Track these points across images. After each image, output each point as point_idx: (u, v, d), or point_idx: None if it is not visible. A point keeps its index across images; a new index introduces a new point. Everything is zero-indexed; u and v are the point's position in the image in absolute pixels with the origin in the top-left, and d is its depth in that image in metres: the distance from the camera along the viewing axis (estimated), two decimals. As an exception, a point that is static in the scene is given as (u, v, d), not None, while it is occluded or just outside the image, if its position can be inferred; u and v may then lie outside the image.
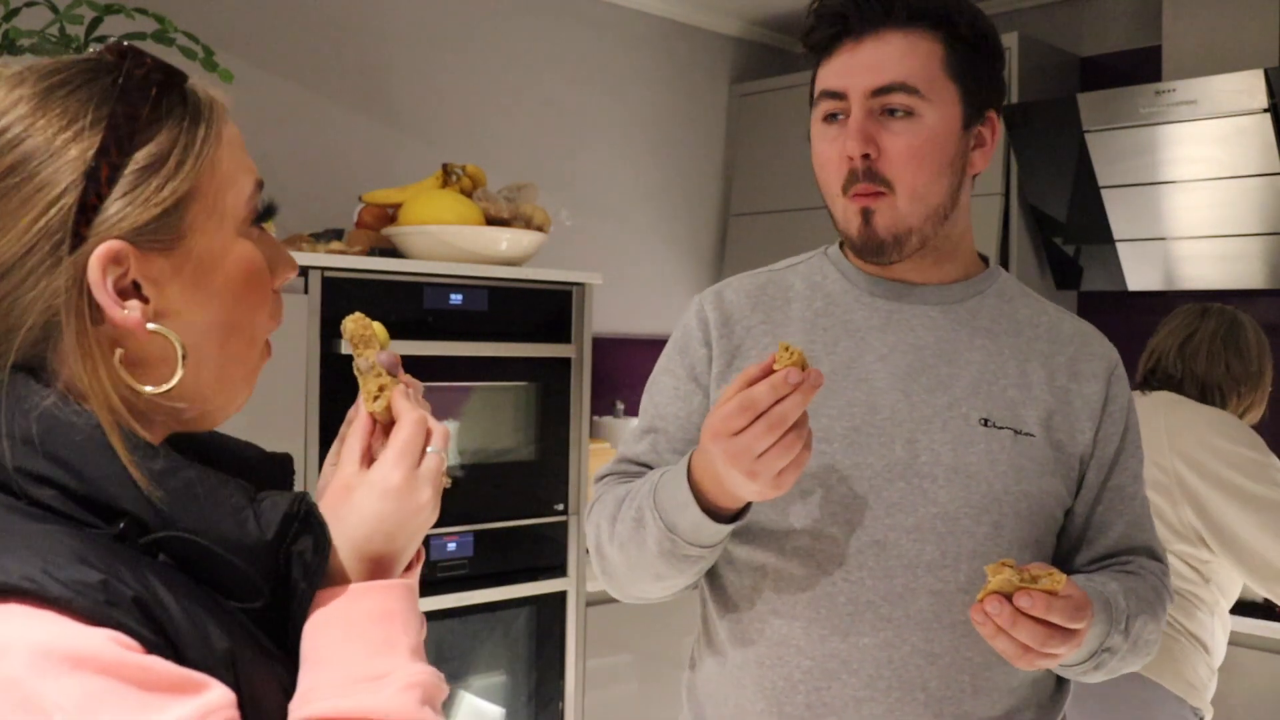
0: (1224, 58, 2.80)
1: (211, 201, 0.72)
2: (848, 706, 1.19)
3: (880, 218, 1.19)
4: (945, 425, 1.20)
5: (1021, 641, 1.04)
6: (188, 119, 0.72)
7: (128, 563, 0.65)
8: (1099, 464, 1.25)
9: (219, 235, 0.72)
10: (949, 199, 1.21)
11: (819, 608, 1.20)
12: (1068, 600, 1.04)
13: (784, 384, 0.99)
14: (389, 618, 0.73)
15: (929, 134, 1.18)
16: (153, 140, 0.70)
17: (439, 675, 0.74)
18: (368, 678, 0.70)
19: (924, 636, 1.18)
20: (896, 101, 1.17)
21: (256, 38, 2.70)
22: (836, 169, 1.20)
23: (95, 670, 0.59)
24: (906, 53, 1.18)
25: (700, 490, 1.11)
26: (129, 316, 0.69)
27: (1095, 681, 1.23)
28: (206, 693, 0.63)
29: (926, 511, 1.18)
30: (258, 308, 0.75)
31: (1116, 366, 1.28)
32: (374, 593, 0.73)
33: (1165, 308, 3.25)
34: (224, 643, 0.67)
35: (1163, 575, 1.28)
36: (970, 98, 1.21)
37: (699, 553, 1.17)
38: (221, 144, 0.73)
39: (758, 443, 0.99)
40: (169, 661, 0.63)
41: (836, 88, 1.20)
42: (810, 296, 1.30)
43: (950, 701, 1.19)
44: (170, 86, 0.72)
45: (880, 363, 1.23)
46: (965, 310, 1.27)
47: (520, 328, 2.65)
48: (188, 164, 0.70)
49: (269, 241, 0.78)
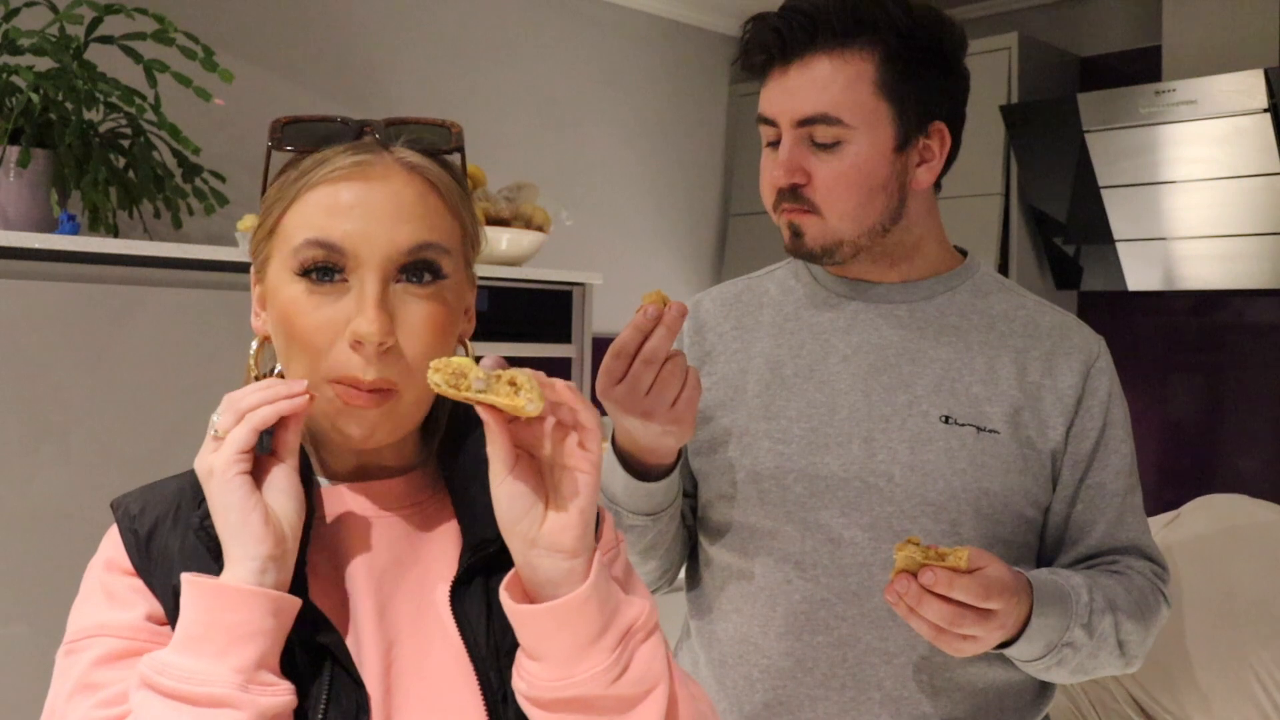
0: (1224, 58, 2.80)
1: (279, 244, 0.82)
2: (803, 705, 1.19)
3: (808, 232, 1.21)
4: (904, 424, 1.20)
5: (931, 621, 1.02)
6: (290, 181, 0.83)
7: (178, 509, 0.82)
8: (1074, 461, 1.22)
9: (280, 274, 0.82)
10: (886, 217, 1.20)
11: (776, 606, 1.21)
12: (975, 577, 1.02)
13: (645, 320, 1.05)
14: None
15: (855, 162, 1.17)
16: (266, 191, 0.85)
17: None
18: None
19: (879, 635, 1.18)
20: (820, 134, 1.17)
21: (256, 38, 2.70)
22: (770, 189, 1.23)
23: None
24: (832, 79, 1.16)
25: (626, 455, 1.17)
26: (255, 322, 0.86)
27: (1068, 681, 1.20)
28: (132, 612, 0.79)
29: (883, 510, 1.18)
30: (304, 350, 0.80)
31: (1097, 360, 1.24)
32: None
33: (1165, 308, 3.26)
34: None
35: (1155, 576, 1.24)
36: (906, 116, 1.18)
37: (641, 522, 1.21)
38: (298, 203, 0.81)
39: (639, 382, 1.04)
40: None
41: (767, 114, 1.21)
42: (782, 301, 1.32)
43: (908, 701, 1.18)
44: (300, 153, 0.83)
45: (843, 364, 1.24)
46: (933, 307, 1.26)
47: (520, 328, 2.65)
48: (272, 215, 0.83)
49: (332, 295, 0.80)
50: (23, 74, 1.91)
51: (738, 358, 1.29)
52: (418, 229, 0.80)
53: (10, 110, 1.94)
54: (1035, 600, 1.09)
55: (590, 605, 0.77)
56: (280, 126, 0.83)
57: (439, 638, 0.83)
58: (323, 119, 0.83)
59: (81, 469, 1.92)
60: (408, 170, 0.82)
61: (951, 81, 1.22)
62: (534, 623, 0.77)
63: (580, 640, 0.77)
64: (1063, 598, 1.12)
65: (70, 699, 0.77)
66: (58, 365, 1.90)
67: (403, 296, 0.80)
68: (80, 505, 1.90)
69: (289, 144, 0.83)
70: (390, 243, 0.79)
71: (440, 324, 0.82)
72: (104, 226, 2.11)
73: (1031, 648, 1.11)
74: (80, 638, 0.79)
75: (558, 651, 0.77)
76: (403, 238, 0.80)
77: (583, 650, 0.77)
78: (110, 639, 0.78)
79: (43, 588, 1.87)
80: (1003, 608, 1.04)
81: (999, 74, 3.09)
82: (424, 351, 0.80)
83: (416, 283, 0.81)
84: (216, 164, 2.30)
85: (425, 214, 0.81)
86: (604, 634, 0.78)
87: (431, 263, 0.81)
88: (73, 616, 0.81)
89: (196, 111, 2.18)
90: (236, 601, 0.73)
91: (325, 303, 0.79)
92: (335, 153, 0.81)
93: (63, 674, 0.79)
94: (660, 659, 0.81)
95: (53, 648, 0.80)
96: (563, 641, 0.77)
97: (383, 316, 0.78)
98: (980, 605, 1.02)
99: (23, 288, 1.87)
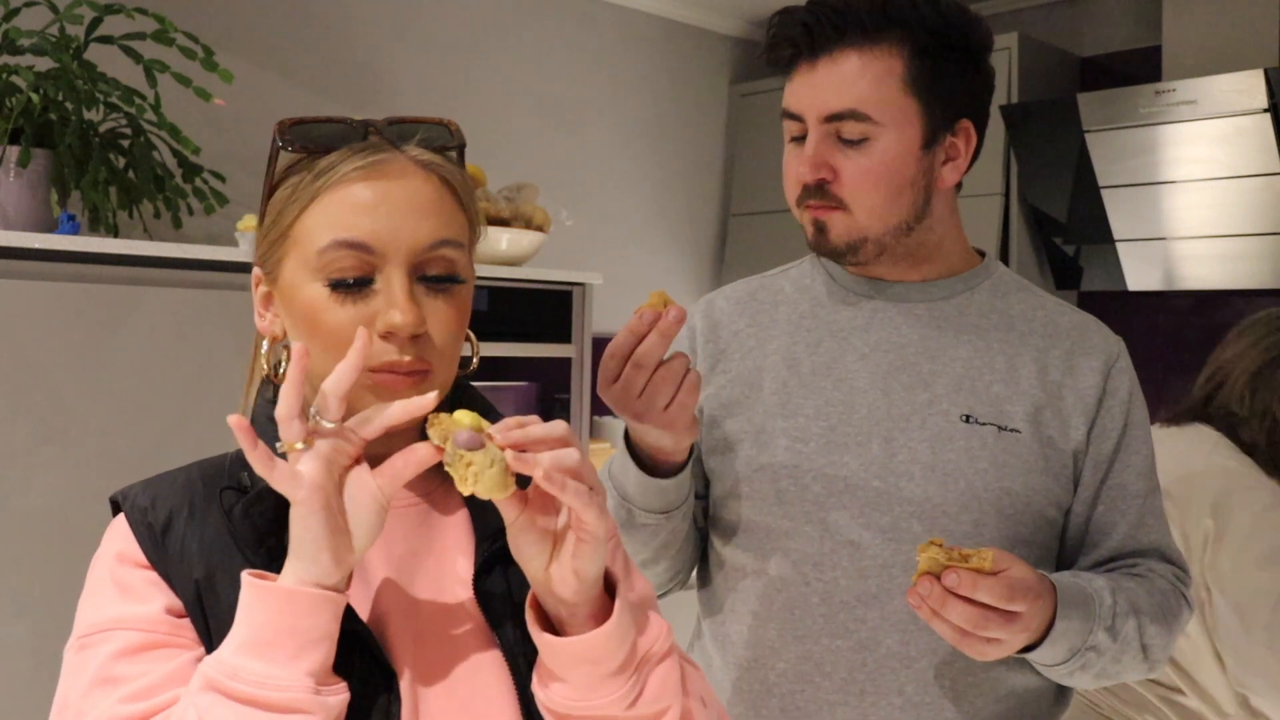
0: (1224, 58, 2.80)
1: (297, 245, 0.83)
2: (822, 710, 1.17)
3: (834, 228, 1.19)
4: (924, 423, 1.18)
5: (955, 624, 1.01)
6: (304, 180, 0.82)
7: (194, 501, 0.83)
8: (1095, 461, 1.20)
9: (298, 273, 0.82)
10: (911, 215, 1.19)
11: (793, 609, 1.19)
12: (1000, 579, 1.00)
13: (640, 324, 1.03)
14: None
15: (884, 158, 1.15)
16: (275, 193, 0.84)
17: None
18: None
19: (899, 639, 1.16)
20: (848, 130, 1.15)
21: (256, 38, 2.70)
22: (794, 185, 1.21)
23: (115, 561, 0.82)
24: (860, 75, 1.14)
25: (637, 451, 1.16)
26: (261, 323, 0.88)
27: (1091, 686, 1.18)
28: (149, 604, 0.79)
29: (902, 510, 1.16)
30: (333, 348, 0.80)
31: (1118, 359, 1.23)
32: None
33: (1165, 308, 3.26)
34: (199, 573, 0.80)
35: (1177, 579, 1.22)
36: (934, 113, 1.17)
37: (654, 520, 1.19)
38: (317, 203, 0.81)
39: (631, 385, 1.04)
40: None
41: (794, 109, 1.20)
42: (798, 300, 1.30)
43: (929, 706, 1.16)
44: (309, 154, 0.83)
45: (861, 362, 1.23)
46: (953, 306, 1.24)
47: (520, 328, 2.65)
48: (286, 217, 0.83)
49: (358, 298, 0.81)
50: (23, 74, 1.91)
51: (753, 355, 1.28)
52: (437, 225, 0.82)
53: (10, 110, 1.94)
54: (1059, 603, 1.07)
55: (611, 643, 0.78)
56: (287, 127, 0.83)
57: (463, 626, 0.85)
58: (329, 120, 0.84)
59: (81, 468, 1.92)
60: (423, 168, 0.83)
61: (978, 79, 1.21)
62: (554, 653, 0.79)
63: (601, 673, 0.78)
64: (1086, 601, 1.10)
65: (88, 694, 0.76)
66: (58, 365, 1.90)
67: (424, 296, 0.82)
68: (80, 505, 1.89)
69: (296, 145, 0.83)
70: (413, 238, 0.81)
71: (461, 321, 0.85)
72: (104, 226, 2.11)
73: (1055, 651, 1.09)
74: (94, 631, 0.79)
75: (578, 679, 0.79)
76: (424, 234, 0.81)
77: (602, 680, 0.79)
78: (129, 632, 0.78)
79: (42, 587, 1.87)
80: (1027, 610, 1.02)
81: (999, 74, 3.08)
82: (450, 339, 0.83)
83: (437, 287, 0.83)
84: (216, 164, 2.30)
85: (442, 211, 0.83)
86: (624, 667, 0.79)
87: (451, 263, 0.83)
88: (83, 611, 0.81)
89: (196, 111, 2.18)
90: (311, 606, 0.73)
91: (350, 300, 0.80)
92: (349, 153, 0.82)
93: (76, 669, 0.78)
94: (674, 679, 0.83)
95: (53, 648, 0.80)
96: (582, 671, 0.78)
97: (414, 308, 0.80)
98: (1005, 607, 1.00)
99: (23, 288, 1.87)
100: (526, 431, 0.76)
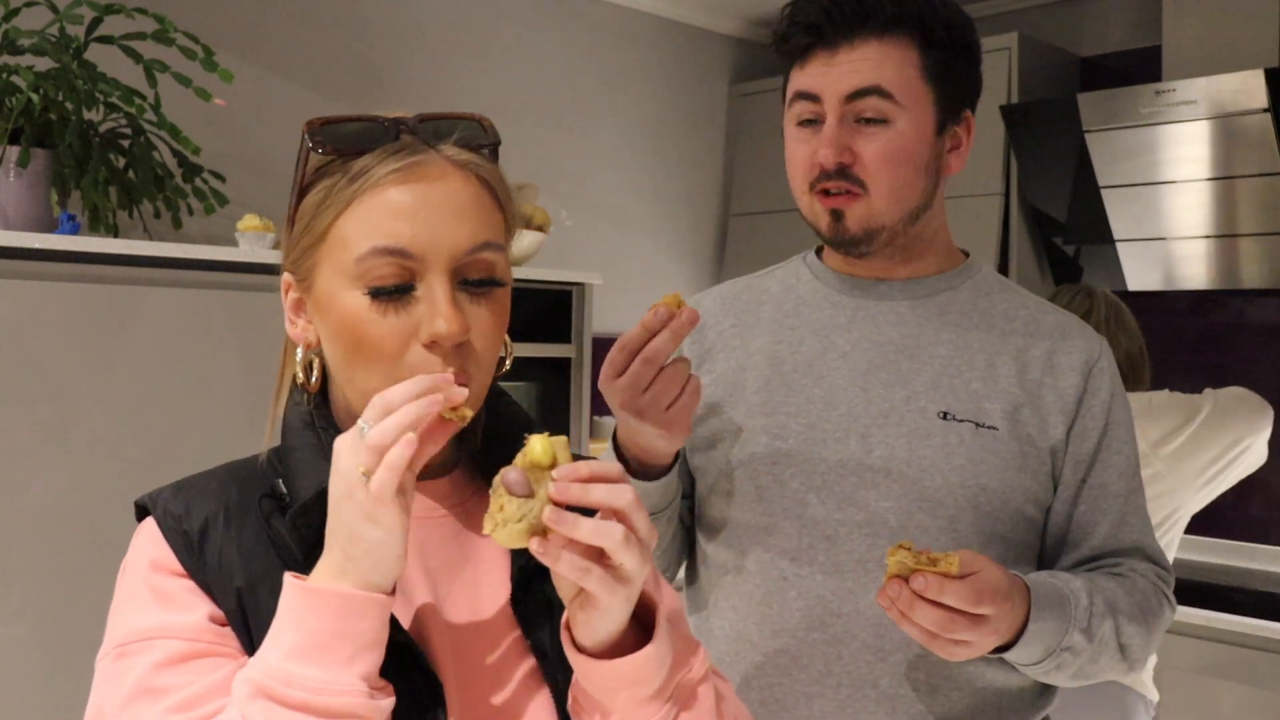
0: (1224, 58, 2.80)
1: (332, 252, 0.80)
2: (799, 703, 1.19)
3: (851, 215, 1.20)
4: (902, 419, 1.20)
5: (923, 626, 1.02)
6: (338, 184, 0.80)
7: (230, 507, 0.82)
8: (1075, 460, 1.21)
9: (335, 280, 0.80)
10: (924, 200, 1.22)
11: (770, 603, 1.21)
12: (966, 583, 1.01)
13: (654, 320, 1.05)
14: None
15: (903, 139, 1.18)
16: (306, 197, 0.82)
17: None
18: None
19: (874, 633, 1.17)
20: (871, 107, 1.17)
21: (256, 38, 2.70)
22: (807, 170, 1.21)
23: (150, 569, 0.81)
24: (881, 60, 1.17)
25: (625, 453, 1.17)
26: (293, 330, 0.85)
27: (1069, 685, 1.20)
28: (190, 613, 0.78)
29: (879, 506, 1.18)
30: (377, 359, 0.78)
31: (1099, 360, 1.24)
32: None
33: (1165, 307, 3.26)
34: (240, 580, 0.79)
35: (1159, 578, 1.24)
36: (945, 101, 1.21)
37: None
38: (354, 207, 0.79)
39: (638, 380, 1.05)
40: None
41: (812, 90, 1.20)
42: (783, 299, 1.32)
43: (904, 699, 1.17)
44: (340, 155, 0.80)
45: (842, 360, 1.24)
46: (934, 305, 1.26)
47: (520, 328, 2.64)
48: (322, 221, 0.80)
49: (399, 306, 0.79)
50: (23, 74, 1.91)
51: (736, 354, 1.30)
52: (478, 228, 0.80)
53: (10, 110, 1.94)
54: (1033, 604, 1.09)
55: (651, 665, 0.76)
56: (318, 128, 0.80)
57: (501, 638, 0.84)
58: (359, 118, 0.81)
59: (82, 469, 1.92)
60: (461, 169, 0.81)
61: (978, 74, 1.26)
62: (591, 673, 0.77)
63: (638, 697, 0.77)
64: (1061, 602, 1.11)
65: (129, 704, 0.74)
66: (58, 365, 1.90)
67: (465, 302, 0.80)
68: (81, 505, 1.89)
69: (328, 146, 0.80)
70: (454, 243, 0.79)
71: (501, 327, 0.84)
72: (104, 226, 2.11)
73: (1029, 652, 1.11)
74: (133, 640, 0.77)
75: (615, 703, 0.78)
76: (464, 237, 0.79)
77: (639, 704, 0.78)
78: (172, 641, 0.76)
79: (43, 588, 1.87)
80: (995, 613, 1.03)
81: (999, 74, 3.09)
82: (490, 346, 0.82)
83: (478, 291, 0.81)
84: (216, 164, 2.30)
85: (481, 212, 0.81)
86: (661, 690, 0.78)
87: (491, 266, 0.81)
88: (117, 620, 0.79)
89: (196, 111, 2.18)
90: (364, 610, 0.72)
91: (391, 309, 0.78)
92: (384, 154, 0.79)
93: (114, 678, 0.76)
94: (709, 702, 0.82)
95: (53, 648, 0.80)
96: (621, 694, 0.77)
97: (459, 315, 0.78)
98: (972, 610, 1.02)
99: (23, 288, 1.87)
100: (586, 491, 0.72)
